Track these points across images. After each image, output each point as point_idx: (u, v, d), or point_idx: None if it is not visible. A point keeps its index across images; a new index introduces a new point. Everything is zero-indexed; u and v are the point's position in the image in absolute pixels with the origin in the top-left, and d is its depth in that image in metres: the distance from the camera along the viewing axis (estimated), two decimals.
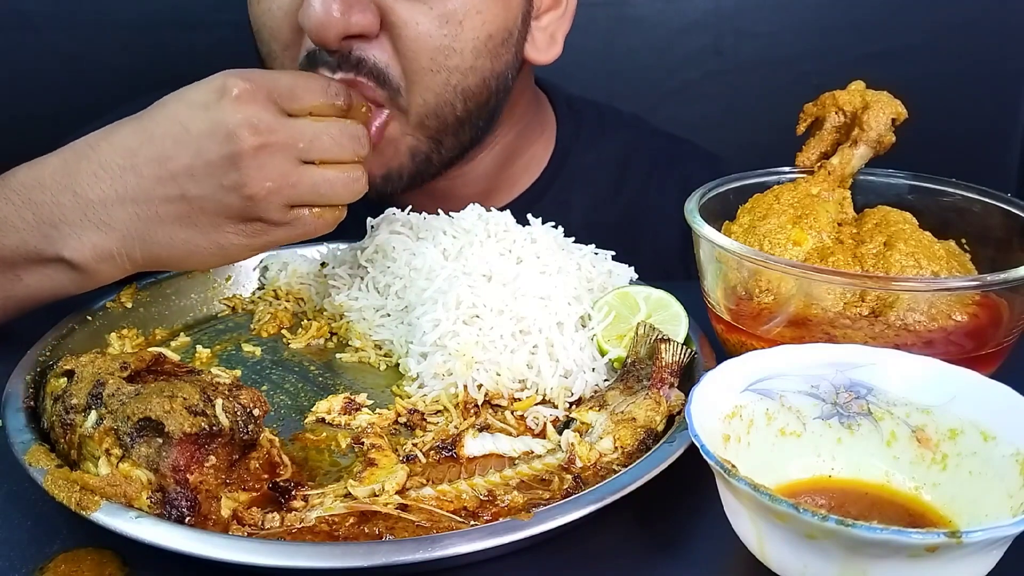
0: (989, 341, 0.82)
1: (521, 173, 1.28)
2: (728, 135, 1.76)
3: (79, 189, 0.86)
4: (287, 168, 0.85)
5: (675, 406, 0.82)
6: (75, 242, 0.86)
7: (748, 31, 1.77)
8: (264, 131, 0.84)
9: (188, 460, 0.69)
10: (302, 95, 0.87)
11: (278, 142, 0.84)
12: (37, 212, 0.87)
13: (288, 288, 1.09)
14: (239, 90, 0.84)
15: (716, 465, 0.62)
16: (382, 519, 0.71)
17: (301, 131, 0.86)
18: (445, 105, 1.05)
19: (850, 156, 0.95)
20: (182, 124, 0.85)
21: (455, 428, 0.83)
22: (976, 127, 1.82)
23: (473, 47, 1.04)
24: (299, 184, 0.86)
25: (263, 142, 0.84)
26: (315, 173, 0.87)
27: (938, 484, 0.70)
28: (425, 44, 1.01)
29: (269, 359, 0.97)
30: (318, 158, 0.87)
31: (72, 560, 0.68)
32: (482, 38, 1.04)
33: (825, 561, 0.59)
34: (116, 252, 0.87)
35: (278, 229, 0.88)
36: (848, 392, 0.74)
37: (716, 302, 0.90)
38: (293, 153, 0.85)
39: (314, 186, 0.87)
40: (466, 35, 1.03)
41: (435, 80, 1.03)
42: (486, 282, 0.93)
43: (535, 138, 1.29)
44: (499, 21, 1.06)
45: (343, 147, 0.88)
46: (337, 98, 0.89)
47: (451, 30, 1.02)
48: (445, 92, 1.04)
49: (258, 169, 0.84)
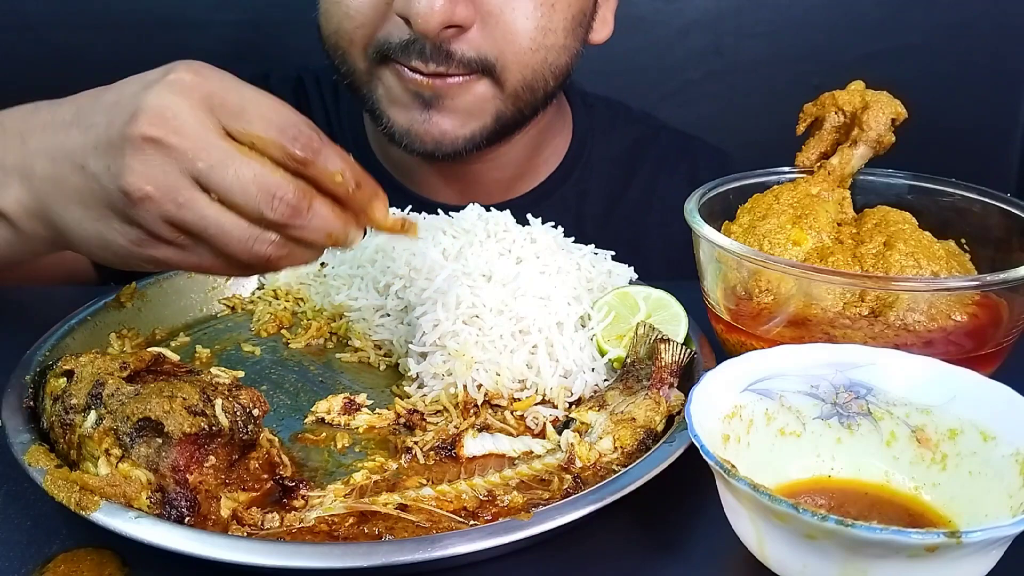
0: (989, 341, 0.82)
1: (543, 163, 1.33)
2: (728, 135, 1.75)
3: (26, 137, 0.79)
4: (176, 182, 0.70)
5: (675, 406, 0.82)
6: (5, 189, 0.80)
7: (748, 31, 1.77)
8: (167, 126, 0.69)
9: (188, 460, 0.69)
10: (251, 117, 0.70)
11: (177, 146, 0.69)
12: None
13: (288, 288, 1.09)
14: (177, 77, 0.71)
15: (716, 465, 0.62)
16: (382, 519, 0.71)
17: (209, 148, 0.69)
18: (539, 80, 1.12)
19: (850, 156, 0.95)
20: (119, 93, 0.75)
21: (455, 428, 0.83)
22: (976, 127, 1.82)
23: (564, 27, 1.11)
24: (184, 207, 0.70)
25: (159, 136, 0.69)
26: (208, 207, 0.70)
27: (938, 484, 0.70)
28: (523, 27, 1.07)
29: (269, 359, 0.97)
30: (215, 191, 0.70)
31: (72, 560, 0.68)
32: (570, 17, 1.12)
33: (825, 561, 0.59)
34: (35, 210, 0.79)
35: (164, 248, 0.73)
36: (848, 392, 0.74)
37: (716, 302, 0.90)
38: (188, 168, 0.69)
39: (202, 219, 0.70)
40: (558, 15, 1.10)
41: (535, 58, 1.10)
42: (486, 282, 0.93)
43: (558, 129, 1.34)
44: (581, 2, 1.13)
45: (246, 193, 0.69)
46: (295, 142, 0.70)
47: (546, 11, 1.08)
48: (542, 69, 1.11)
49: (141, 164, 0.70)
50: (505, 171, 1.27)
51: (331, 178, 0.71)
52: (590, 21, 1.19)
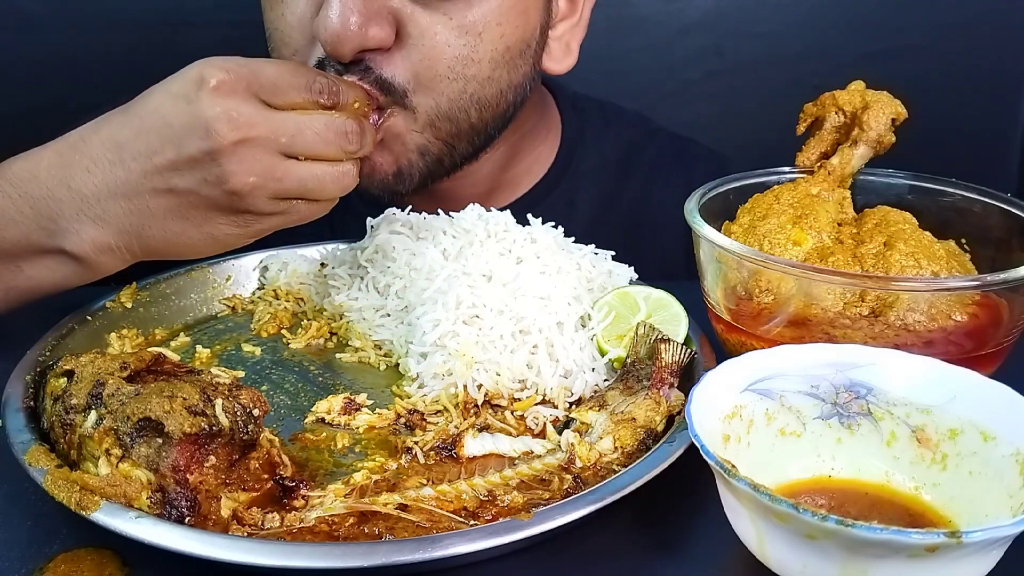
0: (989, 341, 0.82)
1: (524, 174, 1.28)
2: (728, 135, 1.76)
3: (73, 184, 0.86)
4: (270, 163, 0.83)
5: (675, 406, 0.82)
6: (74, 236, 0.86)
7: (748, 31, 1.77)
8: (243, 125, 0.81)
9: (188, 460, 0.69)
10: (285, 90, 0.84)
11: (259, 136, 0.82)
12: (35, 206, 0.87)
13: (288, 288, 1.09)
14: (216, 81, 0.82)
15: (716, 465, 0.62)
16: (382, 519, 0.71)
17: (283, 125, 0.83)
18: (459, 111, 1.04)
19: (850, 156, 0.95)
20: (164, 117, 0.84)
21: (455, 428, 0.83)
22: (976, 127, 1.82)
23: (491, 58, 1.03)
24: (284, 179, 0.84)
25: (243, 136, 0.81)
26: (301, 168, 0.84)
27: (938, 484, 0.70)
28: (443, 54, 1.00)
29: (269, 359, 0.97)
30: (302, 153, 0.84)
31: (72, 560, 0.68)
32: (500, 50, 1.04)
33: (825, 561, 0.59)
34: (114, 245, 0.87)
35: (271, 218, 0.87)
36: (848, 392, 0.74)
37: (716, 302, 0.90)
38: (275, 147, 0.83)
39: (300, 181, 0.84)
40: (485, 46, 1.02)
41: (451, 87, 1.02)
42: (486, 282, 0.93)
43: (540, 139, 1.29)
44: (518, 33, 1.05)
45: (328, 142, 0.85)
46: (321, 95, 0.85)
47: (470, 40, 1.01)
48: (460, 99, 1.04)
49: (239, 163, 0.82)
50: (478, 187, 1.21)
51: (352, 106, 0.89)
52: (536, 51, 1.11)
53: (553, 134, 1.31)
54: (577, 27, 1.17)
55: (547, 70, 1.15)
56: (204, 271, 1.07)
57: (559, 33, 1.15)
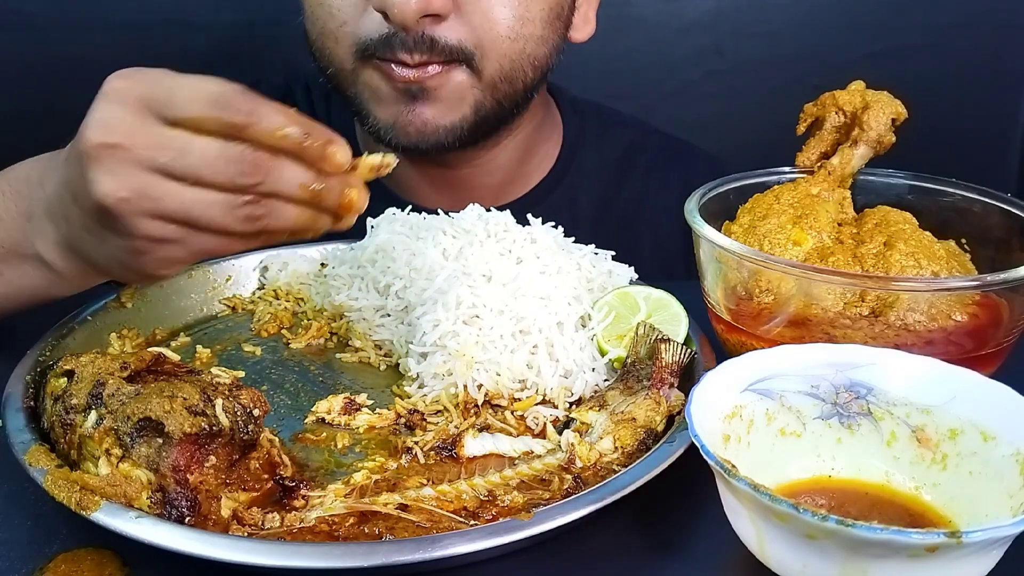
0: (989, 341, 0.82)
1: (534, 169, 1.32)
2: (728, 135, 1.76)
3: (46, 183, 0.83)
4: (144, 180, 0.72)
5: (675, 406, 0.82)
6: (40, 236, 0.83)
7: (748, 31, 1.77)
8: (117, 133, 0.71)
9: (188, 460, 0.69)
10: (181, 103, 0.72)
11: (132, 147, 0.71)
12: (19, 205, 0.86)
13: (288, 288, 1.09)
14: (110, 88, 0.74)
15: (716, 465, 0.62)
16: (382, 519, 0.71)
17: (165, 141, 0.71)
18: (518, 71, 1.13)
19: (850, 156, 0.95)
20: None
21: (455, 428, 0.83)
22: (976, 127, 1.82)
23: (541, 17, 1.12)
24: (162, 200, 0.72)
25: (108, 142, 0.71)
26: (184, 192, 0.72)
27: (938, 484, 0.70)
28: (500, 15, 1.08)
29: (269, 359, 0.97)
30: (184, 176, 0.72)
31: (72, 560, 0.68)
32: (547, 9, 1.12)
33: (825, 561, 0.59)
34: (69, 249, 0.82)
35: (167, 247, 0.75)
36: (848, 392, 0.74)
37: (716, 302, 0.90)
38: (150, 164, 0.71)
39: (183, 206, 0.72)
40: (535, 5, 1.11)
41: (513, 47, 1.10)
42: (486, 282, 0.93)
43: (547, 135, 1.33)
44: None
45: (214, 169, 0.71)
46: (225, 111, 0.71)
47: (522, 1, 1.09)
48: (520, 59, 1.12)
49: (105, 174, 0.72)
50: (494, 176, 1.27)
51: (274, 135, 0.71)
52: (569, 16, 1.20)
53: (557, 133, 1.35)
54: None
55: (570, 38, 1.22)
56: (204, 271, 1.07)
57: (579, 2, 1.23)
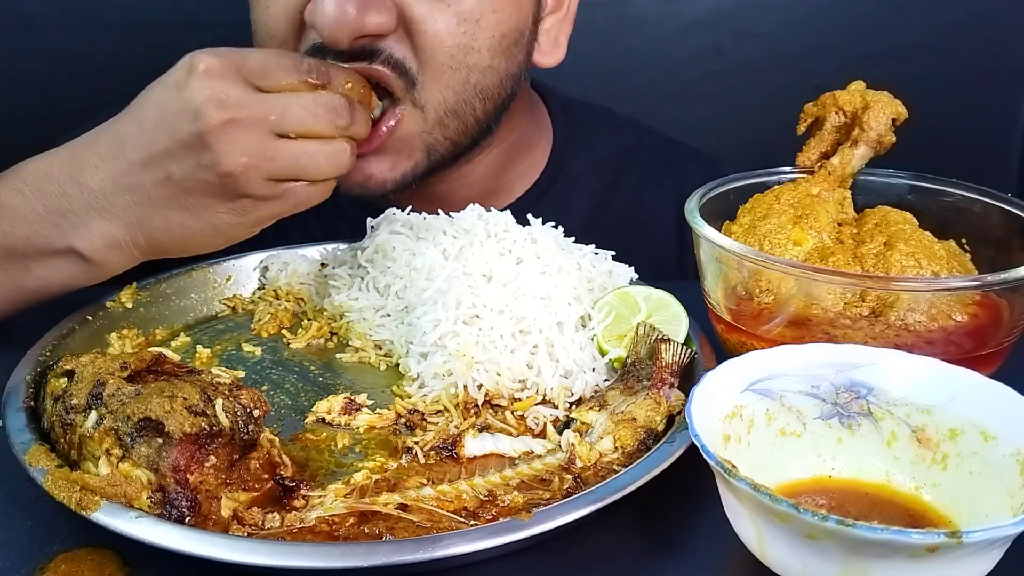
0: (989, 341, 0.82)
1: (518, 177, 1.28)
2: (728, 135, 1.76)
3: (83, 179, 0.87)
4: (261, 142, 0.83)
5: (675, 406, 0.82)
6: (83, 231, 0.87)
7: (748, 31, 1.77)
8: (231, 106, 0.82)
9: (188, 460, 0.69)
10: (274, 72, 0.84)
11: (247, 116, 0.82)
12: (47, 203, 0.88)
13: (288, 288, 1.09)
14: (205, 66, 0.83)
15: (716, 465, 0.62)
16: (382, 519, 0.71)
17: (271, 104, 0.84)
18: (465, 104, 1.06)
19: (850, 156, 0.95)
20: (159, 106, 0.85)
21: (455, 428, 0.83)
22: (976, 127, 1.82)
23: (490, 46, 1.05)
24: (276, 158, 0.84)
25: (231, 117, 0.82)
26: (293, 146, 0.84)
27: (938, 484, 0.70)
28: (444, 41, 1.01)
29: (269, 359, 0.97)
30: (293, 131, 0.84)
31: (72, 560, 0.68)
32: (497, 37, 1.05)
33: (825, 561, 0.59)
34: (122, 240, 0.87)
35: (269, 204, 0.86)
36: (848, 392, 0.74)
37: (716, 302, 0.90)
38: (265, 127, 0.83)
39: (294, 159, 0.84)
40: (483, 33, 1.03)
41: (455, 78, 1.03)
42: (486, 282, 0.93)
43: (533, 143, 1.29)
44: (512, 21, 1.07)
45: (318, 118, 0.85)
46: (309, 74, 0.86)
47: (469, 28, 1.02)
48: (465, 91, 1.05)
49: (229, 144, 0.82)
50: (471, 190, 1.20)
51: (344, 87, 0.89)
52: (530, 42, 1.13)
53: (545, 139, 1.31)
54: (564, 21, 1.18)
55: (537, 64, 1.16)
56: (204, 271, 1.07)
57: (547, 26, 1.16)
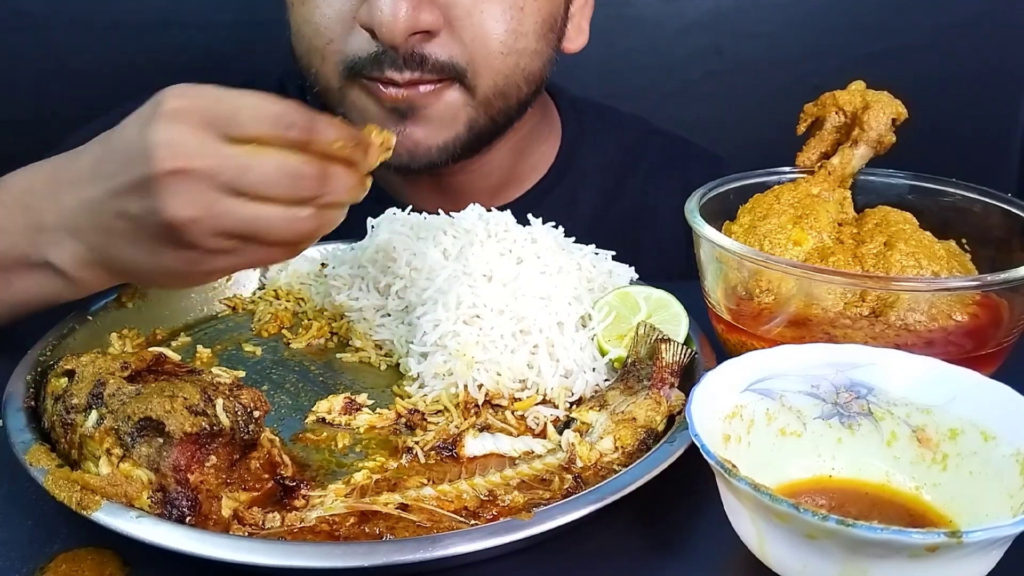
0: (989, 341, 0.82)
1: (530, 170, 1.31)
2: (728, 135, 1.76)
3: (59, 197, 0.84)
4: (210, 198, 0.74)
5: (675, 406, 0.82)
6: (55, 248, 0.84)
7: (748, 31, 1.77)
8: (182, 155, 0.74)
9: (189, 460, 0.69)
10: (244, 122, 0.75)
11: (199, 168, 0.74)
12: (26, 216, 0.86)
13: (288, 288, 1.09)
14: (169, 107, 0.76)
15: (716, 465, 0.62)
16: (382, 519, 0.71)
17: (228, 160, 0.74)
18: (512, 87, 1.10)
19: (850, 156, 0.95)
20: (125, 139, 0.79)
21: (455, 428, 0.83)
22: (976, 127, 1.82)
23: (535, 30, 1.09)
24: (226, 216, 0.75)
25: (180, 167, 0.74)
26: (247, 207, 0.75)
27: (938, 484, 0.70)
28: (493, 30, 1.05)
29: (269, 359, 0.97)
30: (247, 192, 0.75)
31: (72, 560, 0.68)
32: (539, 22, 1.10)
33: (825, 561, 0.59)
34: (90, 260, 0.84)
35: (219, 258, 0.78)
36: (848, 392, 0.74)
37: (716, 302, 0.90)
38: (216, 182, 0.74)
39: (245, 221, 0.75)
40: (528, 19, 1.08)
41: (506, 63, 1.08)
42: (486, 282, 0.93)
43: (544, 136, 1.32)
44: (550, 7, 1.12)
45: (277, 185, 0.75)
46: (290, 129, 0.75)
47: (515, 14, 1.06)
48: (514, 74, 1.09)
49: (172, 195, 0.74)
50: (488, 180, 1.25)
51: (331, 147, 0.76)
52: (562, 27, 1.17)
53: (554, 134, 1.34)
54: (586, 7, 1.24)
55: (564, 49, 1.20)
56: None
57: (572, 12, 1.20)
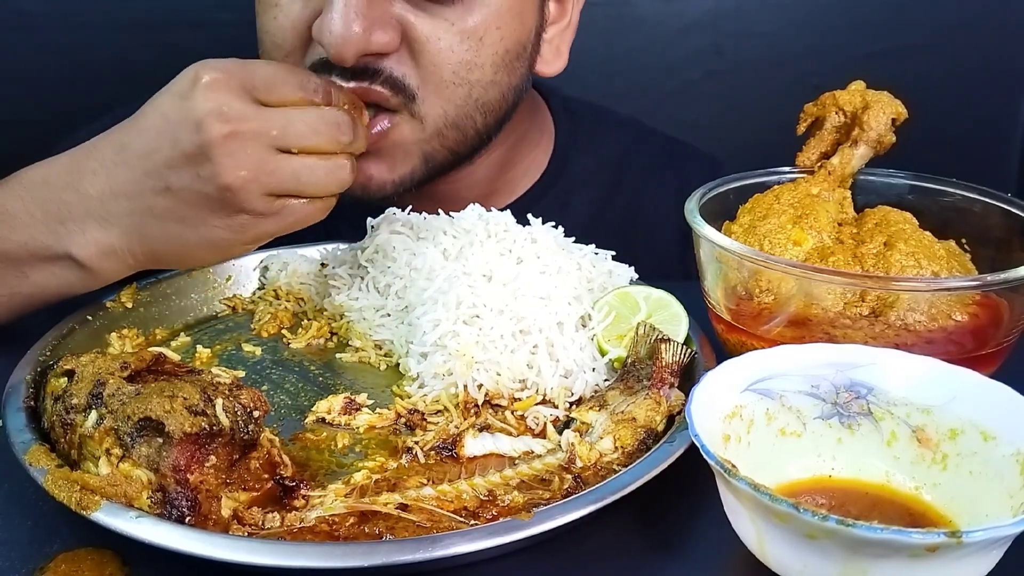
0: (989, 341, 0.82)
1: (520, 177, 1.29)
2: (728, 135, 1.76)
3: (81, 186, 0.87)
4: (261, 156, 0.83)
5: (675, 406, 0.82)
6: (79, 238, 0.87)
7: (748, 31, 1.77)
8: (233, 119, 0.82)
9: (188, 460, 0.69)
10: (279, 87, 0.85)
11: (249, 130, 0.82)
12: (44, 208, 0.88)
13: (288, 288, 1.09)
14: (209, 78, 0.83)
15: (716, 465, 0.62)
16: (382, 519, 0.71)
17: (273, 119, 0.84)
18: (466, 118, 1.06)
19: (850, 156, 0.95)
20: (163, 116, 0.85)
21: (455, 428, 0.83)
22: (976, 127, 1.82)
23: (492, 62, 1.04)
24: (276, 172, 0.83)
25: (232, 130, 0.82)
26: (294, 161, 0.84)
27: (938, 484, 0.70)
28: (447, 59, 1.01)
29: (269, 359, 0.97)
30: (294, 146, 0.84)
31: (72, 560, 0.68)
32: (500, 53, 1.05)
33: (825, 561, 0.59)
34: (118, 247, 0.87)
35: (265, 221, 0.86)
36: (848, 392, 0.74)
37: (716, 302, 0.90)
38: (266, 141, 0.83)
39: (294, 174, 0.84)
40: (486, 50, 1.03)
41: (457, 93, 1.03)
42: (486, 282, 0.93)
43: (534, 143, 1.30)
44: (515, 36, 1.07)
45: (320, 133, 0.85)
46: (316, 94, 0.87)
47: (472, 45, 1.02)
48: (466, 105, 1.05)
49: (229, 157, 0.82)
50: (474, 190, 1.21)
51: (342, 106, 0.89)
52: (531, 54, 1.13)
53: (547, 138, 1.32)
54: (567, 30, 1.18)
55: (539, 73, 1.16)
56: (204, 271, 1.07)
57: (549, 36, 1.16)
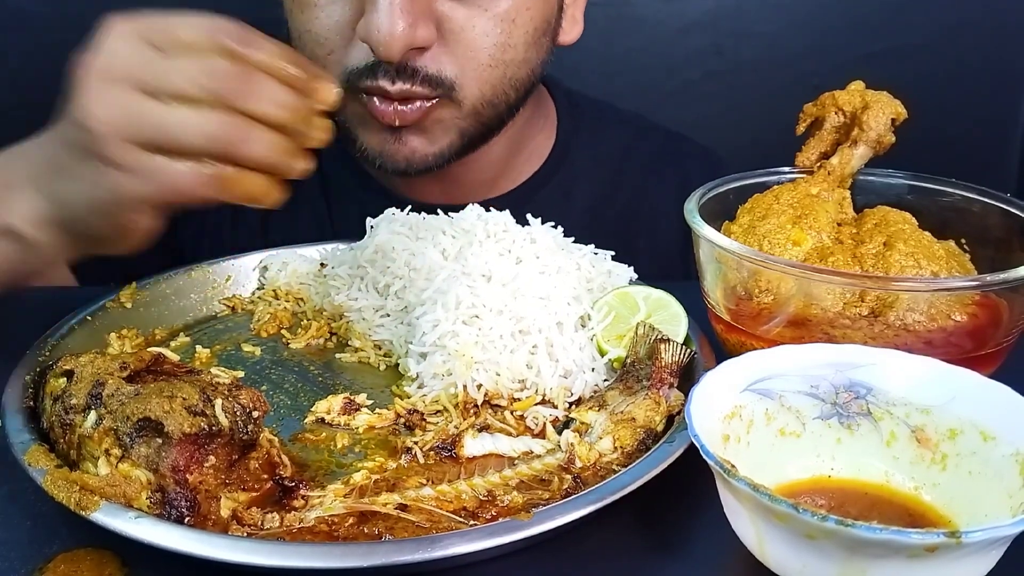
0: (989, 341, 0.82)
1: (524, 162, 1.31)
2: (728, 135, 1.76)
3: (30, 153, 0.85)
4: (129, 100, 0.74)
5: (675, 406, 0.82)
6: (17, 206, 0.83)
7: (748, 31, 1.77)
8: (110, 57, 0.75)
9: (188, 460, 0.69)
10: (179, 32, 0.74)
11: (120, 71, 0.74)
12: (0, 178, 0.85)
13: (288, 288, 1.09)
14: (111, 26, 0.77)
15: (716, 465, 0.62)
16: (382, 519, 0.71)
17: (150, 61, 0.74)
18: (501, 95, 1.12)
19: (850, 156, 0.95)
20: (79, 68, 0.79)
21: (455, 428, 0.83)
22: (976, 127, 1.82)
23: (524, 41, 1.10)
24: (140, 119, 0.74)
25: (104, 70, 0.75)
26: (162, 109, 0.74)
27: (938, 484, 0.70)
28: (483, 44, 1.07)
29: (269, 359, 0.97)
30: (167, 92, 0.74)
31: (72, 560, 0.68)
32: (531, 32, 1.11)
33: (825, 561, 0.59)
34: (48, 215, 0.82)
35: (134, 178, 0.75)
36: (848, 392, 0.74)
37: (716, 302, 0.90)
38: (135, 83, 0.74)
39: (160, 123, 0.74)
40: (518, 31, 1.09)
41: (494, 74, 1.09)
42: (486, 282, 0.93)
43: (539, 128, 1.32)
44: (543, 14, 1.13)
45: (194, 82, 0.73)
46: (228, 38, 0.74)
47: (505, 28, 1.08)
48: (502, 84, 1.11)
49: (96, 98, 0.74)
50: (484, 172, 1.27)
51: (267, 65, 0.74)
52: (556, 26, 1.18)
53: (550, 125, 1.34)
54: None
55: (560, 43, 1.21)
56: (204, 271, 1.07)
57: (566, 5, 1.21)
